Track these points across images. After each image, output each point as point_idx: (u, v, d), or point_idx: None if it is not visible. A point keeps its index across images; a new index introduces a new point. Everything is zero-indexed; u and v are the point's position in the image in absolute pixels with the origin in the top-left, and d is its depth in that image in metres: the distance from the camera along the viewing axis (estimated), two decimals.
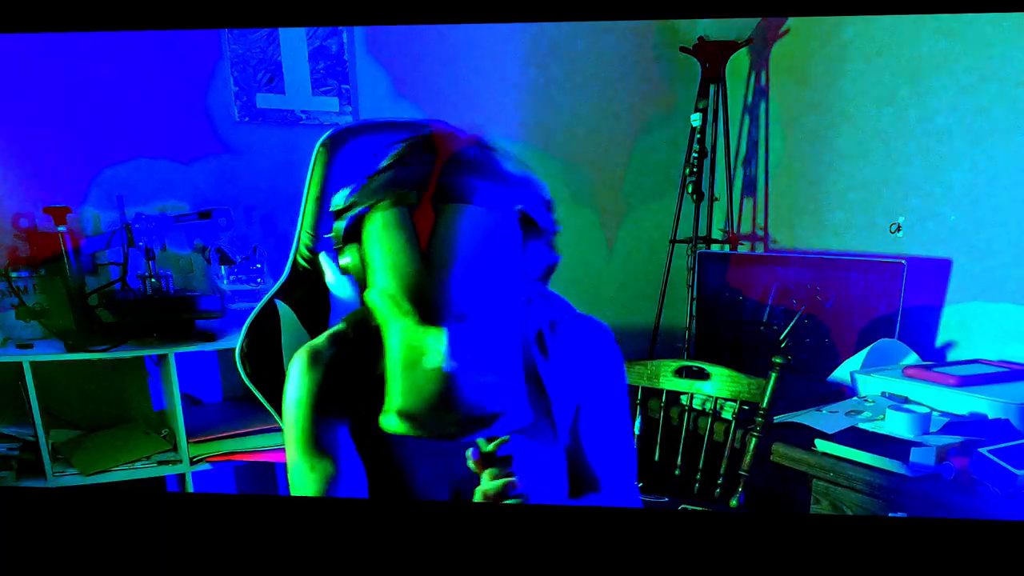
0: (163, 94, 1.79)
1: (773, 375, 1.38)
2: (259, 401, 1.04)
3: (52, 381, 1.64)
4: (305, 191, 1.04)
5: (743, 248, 2.26)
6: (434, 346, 0.65)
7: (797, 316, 1.88)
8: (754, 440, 1.41)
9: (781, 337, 1.90)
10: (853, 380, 1.53)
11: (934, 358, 1.68)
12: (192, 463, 1.65)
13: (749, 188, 2.25)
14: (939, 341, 1.75)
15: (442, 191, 0.66)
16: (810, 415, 1.40)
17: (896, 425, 1.26)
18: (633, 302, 2.33)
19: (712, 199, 2.22)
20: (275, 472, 1.93)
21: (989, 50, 1.61)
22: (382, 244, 0.68)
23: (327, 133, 1.04)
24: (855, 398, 1.48)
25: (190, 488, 1.68)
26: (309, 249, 1.05)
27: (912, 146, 1.79)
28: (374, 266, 0.70)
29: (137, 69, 1.75)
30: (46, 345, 1.59)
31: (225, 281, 1.78)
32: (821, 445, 1.28)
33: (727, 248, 2.22)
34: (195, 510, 0.84)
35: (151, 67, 1.77)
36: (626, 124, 2.32)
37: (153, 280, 1.68)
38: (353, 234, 0.72)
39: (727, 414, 1.66)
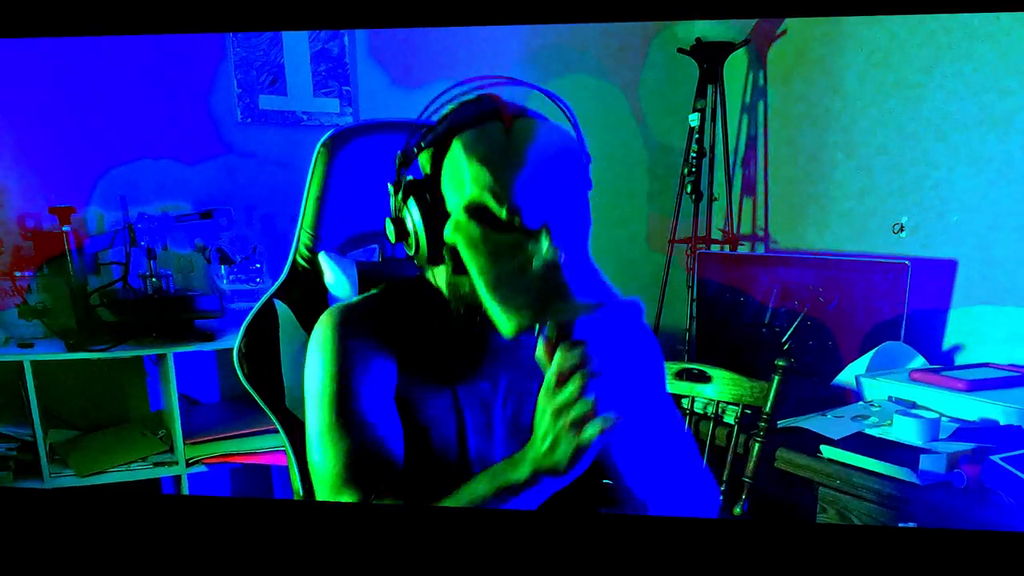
0: (167, 96, 1.80)
1: (776, 378, 1.36)
2: (256, 402, 1.03)
3: (51, 381, 1.63)
4: (306, 191, 1.04)
5: (743, 248, 2.24)
6: (542, 243, 0.68)
7: (799, 318, 1.86)
8: (757, 445, 1.39)
9: (783, 339, 1.88)
10: (858, 384, 1.51)
11: (941, 362, 1.66)
12: (188, 465, 1.64)
13: (749, 188, 2.24)
14: (946, 344, 1.73)
15: (517, 111, 0.74)
16: (815, 420, 1.38)
17: (904, 431, 1.24)
18: None
19: (711, 199, 2.20)
20: (271, 475, 1.92)
21: (991, 49, 1.59)
22: (472, 160, 0.71)
23: (328, 133, 1.04)
24: (861, 402, 1.46)
25: (185, 490, 1.67)
26: (309, 249, 1.04)
27: (913, 145, 1.77)
28: (459, 190, 0.72)
29: (142, 72, 1.76)
30: (46, 344, 1.58)
31: (225, 281, 1.78)
32: (827, 451, 1.26)
33: (727, 248, 2.20)
34: (190, 513, 0.83)
35: (156, 70, 1.78)
36: (624, 124, 2.30)
37: (154, 280, 1.68)
38: (413, 188, 0.75)
39: (729, 418, 1.64)
